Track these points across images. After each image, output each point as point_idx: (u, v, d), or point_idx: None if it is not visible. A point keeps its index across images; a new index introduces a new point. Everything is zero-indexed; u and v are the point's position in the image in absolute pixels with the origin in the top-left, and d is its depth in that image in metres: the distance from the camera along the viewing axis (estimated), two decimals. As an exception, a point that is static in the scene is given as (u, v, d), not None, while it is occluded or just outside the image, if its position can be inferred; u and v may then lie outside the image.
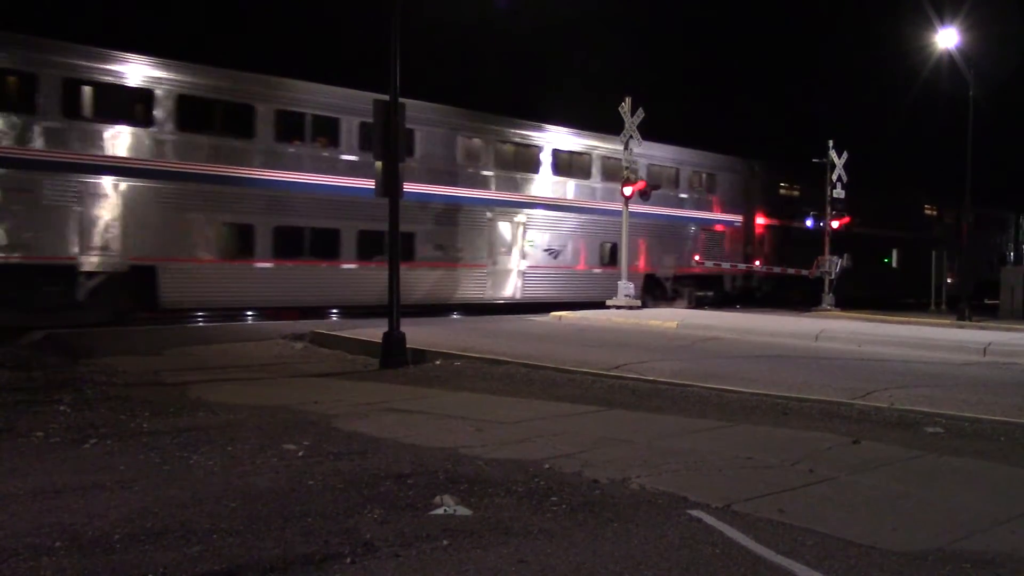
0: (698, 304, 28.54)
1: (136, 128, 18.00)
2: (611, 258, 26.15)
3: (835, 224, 30.20)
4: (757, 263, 31.82)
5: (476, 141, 24.03)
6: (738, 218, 31.16)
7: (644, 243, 27.12)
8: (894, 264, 38.18)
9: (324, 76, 21.71)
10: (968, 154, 26.47)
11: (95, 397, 9.60)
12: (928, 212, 40.99)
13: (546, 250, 25.06)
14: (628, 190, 23.09)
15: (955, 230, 34.28)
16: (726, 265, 30.23)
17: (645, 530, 5.11)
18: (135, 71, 17.97)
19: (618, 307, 22.36)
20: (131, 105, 18.12)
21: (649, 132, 24.34)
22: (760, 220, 32.19)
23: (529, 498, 5.73)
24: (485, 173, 24.06)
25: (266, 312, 21.02)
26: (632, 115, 23.28)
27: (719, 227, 30.58)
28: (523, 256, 24.72)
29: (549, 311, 21.79)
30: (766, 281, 32.07)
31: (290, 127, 20.35)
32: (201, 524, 5.02)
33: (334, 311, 22.23)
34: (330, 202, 20.63)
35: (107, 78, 17.63)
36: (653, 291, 27.72)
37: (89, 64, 17.45)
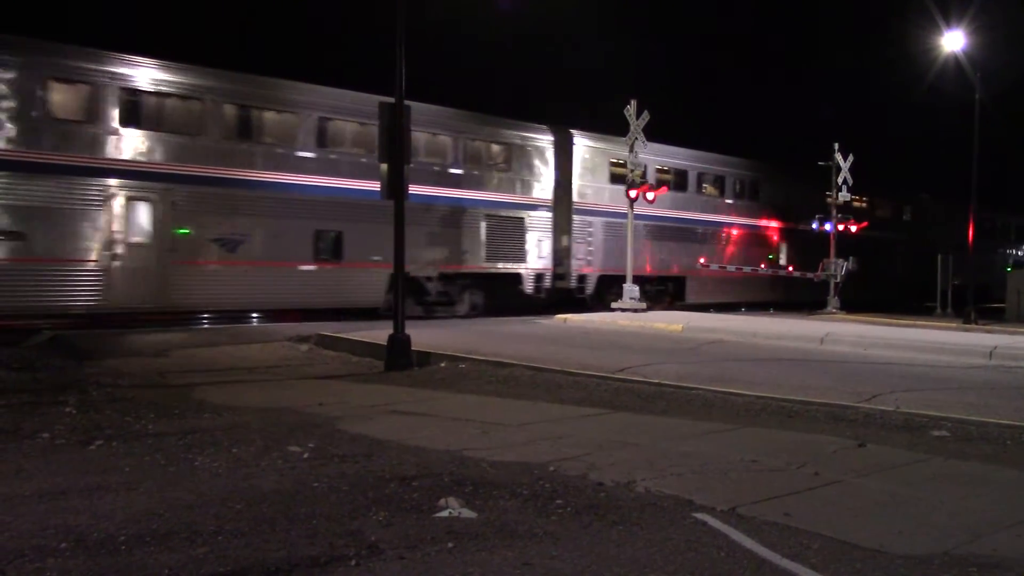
0: (484, 312, 23.35)
1: None
2: (334, 251, 20.73)
3: (852, 227, 30.20)
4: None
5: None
6: (546, 202, 25.24)
7: (387, 230, 20.46)
8: (898, 267, 38.05)
9: (315, 78, 21.50)
10: (974, 157, 26.42)
11: (100, 399, 9.62)
12: (933, 214, 40.85)
13: (219, 240, 18.87)
14: (634, 192, 23.09)
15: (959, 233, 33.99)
16: (603, 262, 26.32)
17: (650, 533, 5.10)
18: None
19: (623, 310, 22.38)
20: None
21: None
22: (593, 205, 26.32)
23: (534, 500, 5.72)
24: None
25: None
26: (637, 117, 23.28)
27: (526, 214, 24.64)
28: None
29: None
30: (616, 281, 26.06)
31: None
32: (206, 526, 5.03)
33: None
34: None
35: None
36: (408, 294, 21.60)
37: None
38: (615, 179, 26.09)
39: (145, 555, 4.55)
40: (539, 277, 24.84)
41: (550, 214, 25.16)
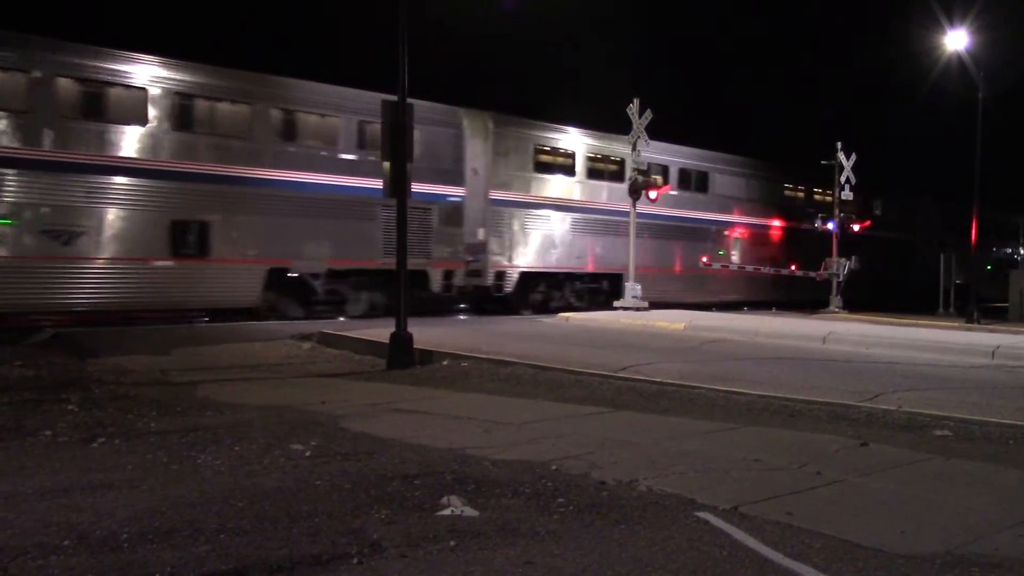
0: (384, 313, 20.57)
1: None
2: (198, 244, 18.50)
3: (857, 227, 30.22)
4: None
5: None
6: (457, 191, 22.76)
7: (264, 222, 19.27)
8: (900, 267, 37.99)
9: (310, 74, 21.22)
10: (977, 157, 26.39)
11: (103, 396, 9.63)
12: (934, 214, 40.79)
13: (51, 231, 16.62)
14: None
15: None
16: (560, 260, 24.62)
17: (652, 532, 5.10)
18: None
19: (625, 308, 22.38)
20: None
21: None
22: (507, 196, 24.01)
23: (536, 499, 5.72)
24: None
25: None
26: (640, 116, 23.28)
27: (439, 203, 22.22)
28: None
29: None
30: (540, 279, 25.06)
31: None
32: (208, 523, 5.03)
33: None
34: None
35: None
36: (289, 292, 20.02)
37: None
38: (541, 167, 24.65)
39: (147, 553, 4.55)
40: (449, 274, 22.42)
41: (463, 205, 22.79)
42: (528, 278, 24.37)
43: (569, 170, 25.62)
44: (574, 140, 25.78)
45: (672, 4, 70.76)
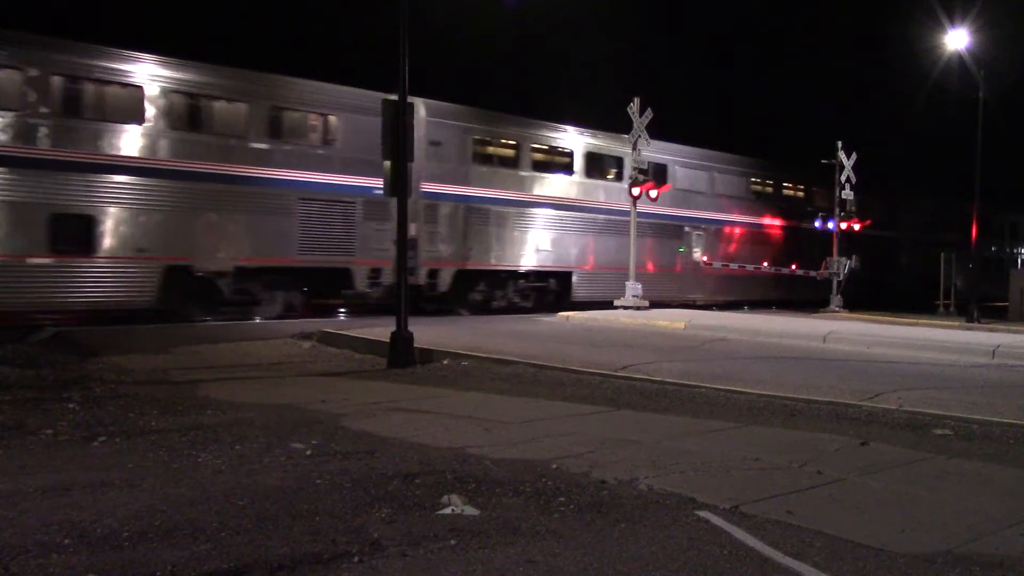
0: (303, 314, 20.00)
1: None
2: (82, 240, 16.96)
3: (855, 226, 30.15)
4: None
5: None
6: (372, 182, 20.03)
7: (160, 216, 17.72)
8: (901, 266, 37.96)
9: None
10: (978, 156, 26.39)
11: (104, 395, 9.63)
12: (935, 213, 40.76)
13: None
14: (636, 190, 23.10)
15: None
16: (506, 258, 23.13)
17: (653, 531, 5.11)
18: None
19: (625, 307, 22.38)
20: None
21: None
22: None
23: (537, 498, 5.73)
24: None
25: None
26: (641, 115, 23.27)
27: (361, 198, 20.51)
28: None
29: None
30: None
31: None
32: (209, 522, 5.03)
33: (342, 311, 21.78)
34: None
35: None
36: (194, 293, 18.47)
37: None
38: (481, 159, 23.10)
39: (148, 551, 4.55)
40: (376, 272, 20.84)
41: (392, 198, 21.20)
42: (465, 276, 22.83)
43: (512, 162, 23.97)
44: (519, 131, 24.24)
45: (672, 4, 70.78)
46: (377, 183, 19.27)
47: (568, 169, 25.31)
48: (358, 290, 20.81)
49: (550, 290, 25.00)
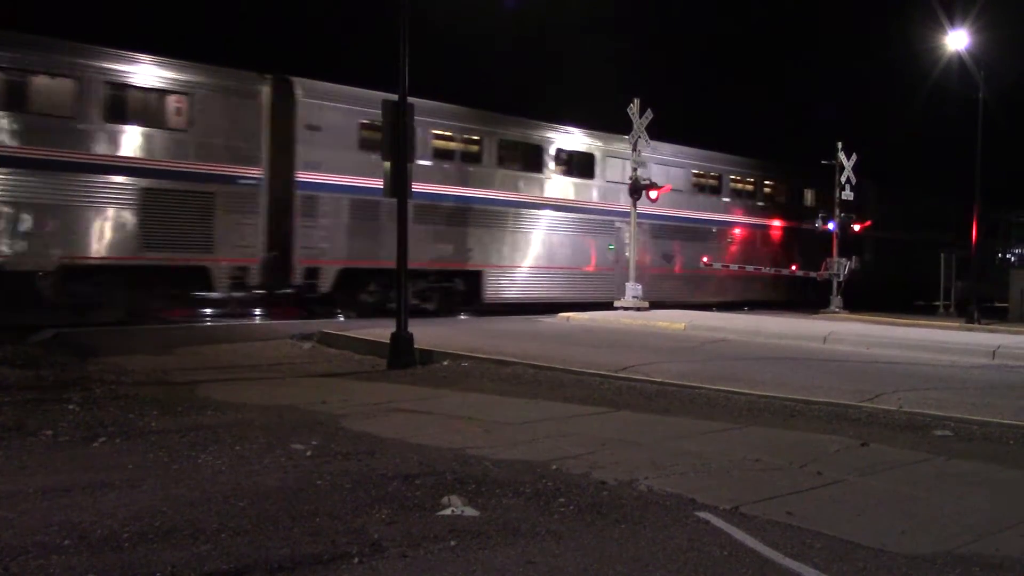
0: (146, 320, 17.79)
1: None
2: None
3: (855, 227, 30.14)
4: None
5: None
6: (251, 172, 18.99)
7: None
8: (901, 267, 37.90)
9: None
10: (978, 156, 26.39)
11: (104, 396, 9.63)
12: (936, 214, 40.69)
13: None
14: (638, 192, 23.15)
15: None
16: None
17: (653, 532, 5.11)
18: None
19: (626, 308, 22.39)
20: None
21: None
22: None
23: (537, 499, 5.73)
24: None
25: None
26: (640, 116, 23.28)
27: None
28: None
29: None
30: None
31: None
32: (209, 523, 5.04)
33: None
34: None
35: None
36: (4, 294, 16.25)
37: None
38: (370, 146, 19.90)
39: (148, 552, 4.55)
40: (240, 271, 18.79)
41: (260, 188, 19.15)
42: (352, 276, 20.67)
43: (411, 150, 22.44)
44: (418, 115, 21.96)
45: (672, 5, 70.78)
46: (241, 171, 18.71)
47: (477, 158, 23.03)
48: (218, 291, 18.76)
49: (457, 291, 22.87)
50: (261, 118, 19.22)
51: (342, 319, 20.54)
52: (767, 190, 32.39)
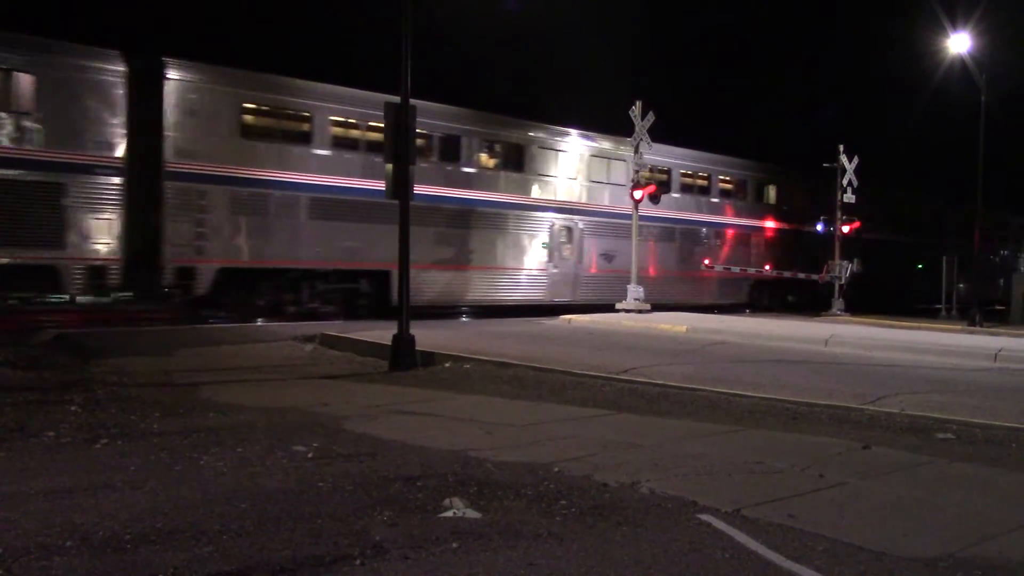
0: None
1: None
2: None
3: (847, 228, 30.09)
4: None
5: None
6: (110, 160, 17.42)
7: None
8: (903, 270, 37.86)
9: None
10: (980, 159, 26.39)
11: (106, 397, 9.64)
12: (938, 216, 40.65)
13: None
14: (638, 193, 23.10)
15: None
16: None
17: (654, 534, 5.10)
18: None
19: (627, 311, 22.39)
20: None
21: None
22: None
23: (538, 501, 5.72)
24: None
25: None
26: (643, 118, 23.28)
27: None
28: None
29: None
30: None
31: None
32: (211, 525, 5.04)
33: None
34: None
35: None
36: None
37: None
38: (256, 133, 19.07)
39: (150, 554, 4.56)
40: (97, 272, 17.15)
41: (119, 179, 17.41)
42: (236, 276, 18.87)
43: (304, 138, 19.99)
44: (310, 101, 20.19)
45: (672, 5, 70.81)
46: (96, 159, 16.93)
47: (379, 149, 19.73)
48: (71, 293, 17.17)
49: (362, 292, 21.18)
50: (120, 101, 17.57)
51: (342, 321, 20.51)
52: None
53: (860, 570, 4.62)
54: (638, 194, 23.20)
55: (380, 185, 18.11)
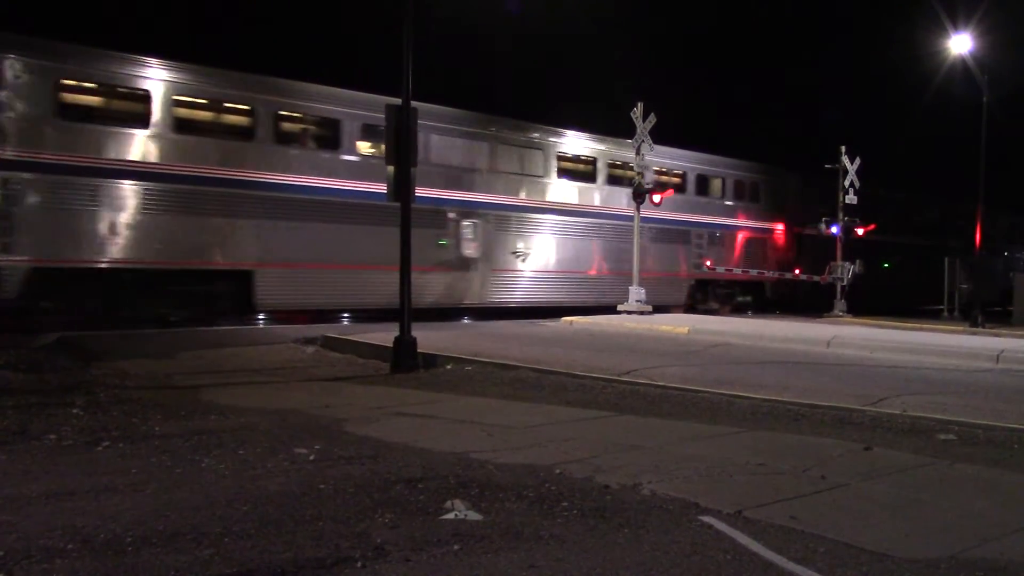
0: None
1: None
2: None
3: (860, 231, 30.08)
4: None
5: None
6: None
7: None
8: (905, 271, 37.81)
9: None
10: (981, 159, 26.37)
11: (107, 400, 9.64)
12: (940, 217, 40.60)
13: None
14: (657, 198, 23.21)
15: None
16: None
17: (656, 536, 5.10)
18: None
19: (629, 312, 22.40)
20: None
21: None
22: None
23: (540, 503, 5.72)
24: None
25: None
26: (644, 120, 23.27)
27: None
28: None
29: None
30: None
31: None
32: (212, 527, 5.04)
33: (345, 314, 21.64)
34: None
35: None
36: None
37: None
38: (77, 114, 16.68)
39: (151, 556, 4.56)
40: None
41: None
42: (55, 278, 16.35)
43: (140, 120, 17.32)
44: (148, 78, 17.50)
45: (672, 5, 70.83)
46: None
47: (248, 133, 18.71)
48: None
49: (217, 295, 18.70)
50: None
51: (345, 322, 20.52)
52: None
53: (862, 571, 4.61)
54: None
55: (240, 174, 17.20)
